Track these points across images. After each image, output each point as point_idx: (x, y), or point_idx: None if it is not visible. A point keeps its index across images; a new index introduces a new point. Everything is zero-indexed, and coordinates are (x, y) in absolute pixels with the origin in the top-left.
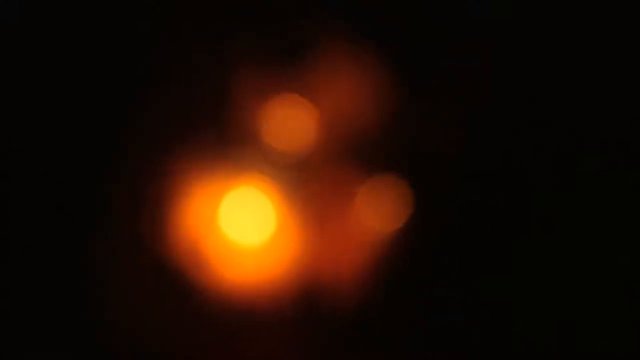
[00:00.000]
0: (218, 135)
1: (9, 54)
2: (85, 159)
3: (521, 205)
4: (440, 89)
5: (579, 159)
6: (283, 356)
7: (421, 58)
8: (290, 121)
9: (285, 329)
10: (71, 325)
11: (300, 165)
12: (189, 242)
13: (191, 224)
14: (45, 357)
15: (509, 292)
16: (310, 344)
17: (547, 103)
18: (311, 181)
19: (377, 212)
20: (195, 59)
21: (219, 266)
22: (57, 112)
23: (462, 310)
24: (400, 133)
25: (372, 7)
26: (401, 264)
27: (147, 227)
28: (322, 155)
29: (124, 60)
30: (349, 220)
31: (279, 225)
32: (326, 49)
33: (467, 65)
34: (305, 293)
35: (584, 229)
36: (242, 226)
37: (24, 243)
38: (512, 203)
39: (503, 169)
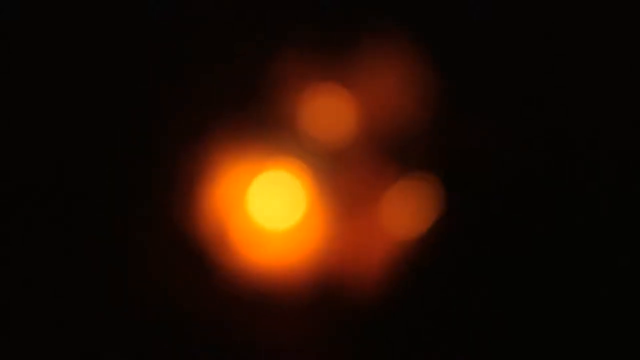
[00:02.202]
0: (255, 118)
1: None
2: (121, 139)
3: (548, 209)
4: (475, 91)
5: (582, 157)
6: (297, 340)
7: (460, 61)
8: (330, 111)
9: (302, 315)
10: (101, 301)
11: (335, 155)
12: (219, 222)
13: (221, 205)
14: (81, 327)
15: (535, 293)
16: (325, 331)
17: (548, 103)
18: (344, 172)
19: (406, 209)
20: (239, 42)
21: (245, 247)
22: (93, 92)
23: (483, 311)
24: (436, 133)
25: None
26: (425, 263)
27: (179, 207)
28: (358, 148)
29: (164, 39)
30: (377, 214)
31: (306, 213)
32: (372, 44)
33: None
34: (325, 282)
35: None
36: (270, 210)
37: (57, 222)
38: (539, 206)
39: (531, 174)
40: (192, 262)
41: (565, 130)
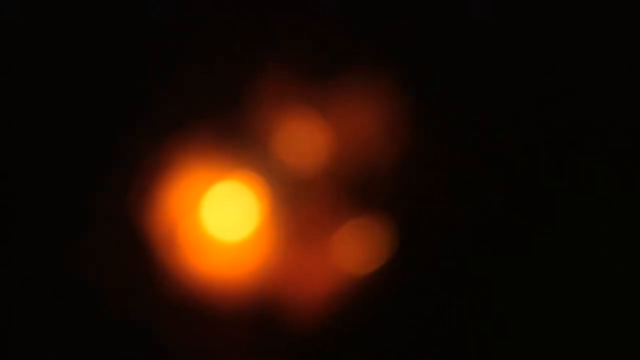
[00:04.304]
0: (221, 132)
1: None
2: (83, 148)
3: (548, 209)
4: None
5: (580, 166)
6: (228, 352)
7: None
8: (303, 134)
9: (236, 329)
10: (46, 300)
11: (299, 179)
12: (171, 227)
13: (175, 210)
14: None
15: (534, 294)
16: (256, 348)
17: (548, 103)
18: (303, 197)
19: (358, 246)
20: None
21: (193, 255)
22: (57, 102)
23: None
24: (401, 173)
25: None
26: (368, 295)
27: (134, 212)
28: (323, 176)
29: (137, 51)
30: (327, 245)
31: (257, 229)
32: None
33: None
34: (263, 301)
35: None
36: (223, 223)
37: (19, 228)
38: (539, 206)
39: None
40: (139, 265)
41: (565, 130)
